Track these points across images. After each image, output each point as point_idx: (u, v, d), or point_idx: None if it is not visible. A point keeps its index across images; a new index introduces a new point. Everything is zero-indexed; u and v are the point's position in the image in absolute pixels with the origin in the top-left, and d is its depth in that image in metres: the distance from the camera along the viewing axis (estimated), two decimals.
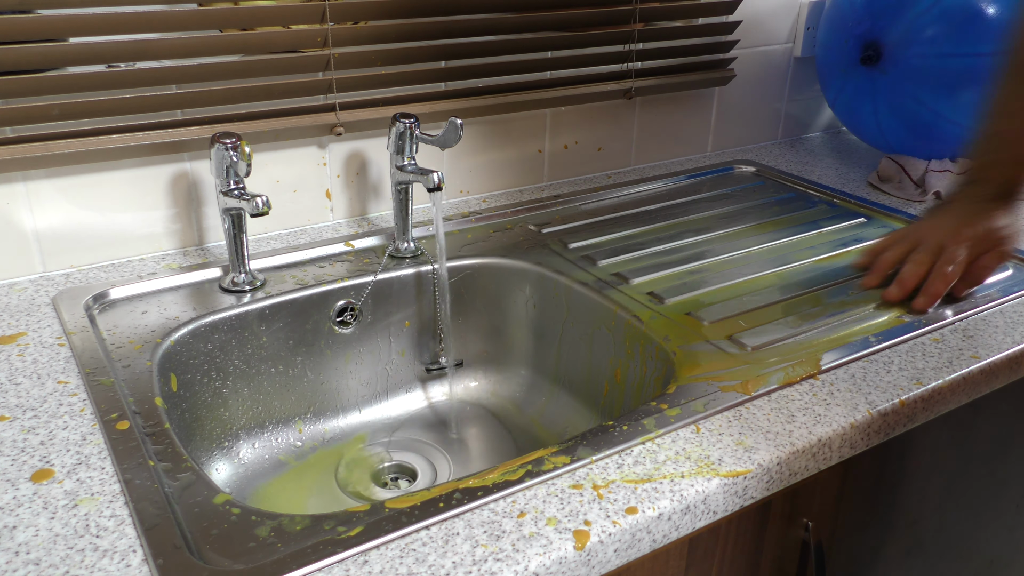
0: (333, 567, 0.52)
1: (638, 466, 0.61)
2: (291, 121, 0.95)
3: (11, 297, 0.85)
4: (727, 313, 0.85)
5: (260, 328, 0.86)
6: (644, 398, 0.77)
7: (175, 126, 0.90)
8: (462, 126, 0.88)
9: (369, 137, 1.03)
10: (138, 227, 0.93)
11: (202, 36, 0.88)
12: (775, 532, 0.71)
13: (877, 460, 0.77)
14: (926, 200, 1.15)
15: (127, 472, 0.60)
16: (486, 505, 0.57)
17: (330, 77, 0.96)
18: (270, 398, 0.89)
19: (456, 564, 0.52)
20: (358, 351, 0.94)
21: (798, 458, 0.65)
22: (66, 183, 0.88)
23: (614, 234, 1.03)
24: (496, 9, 1.05)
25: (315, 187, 1.02)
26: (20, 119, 0.83)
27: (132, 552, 0.53)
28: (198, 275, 0.90)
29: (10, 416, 0.66)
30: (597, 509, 0.57)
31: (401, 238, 0.97)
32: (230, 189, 0.82)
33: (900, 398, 0.71)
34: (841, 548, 0.79)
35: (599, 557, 0.56)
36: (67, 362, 0.74)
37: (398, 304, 0.95)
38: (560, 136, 1.19)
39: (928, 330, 0.81)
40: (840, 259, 0.98)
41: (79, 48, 0.84)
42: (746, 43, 1.29)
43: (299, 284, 0.89)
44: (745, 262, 0.97)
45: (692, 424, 0.66)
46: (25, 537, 0.54)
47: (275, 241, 0.99)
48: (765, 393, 0.71)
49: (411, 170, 0.92)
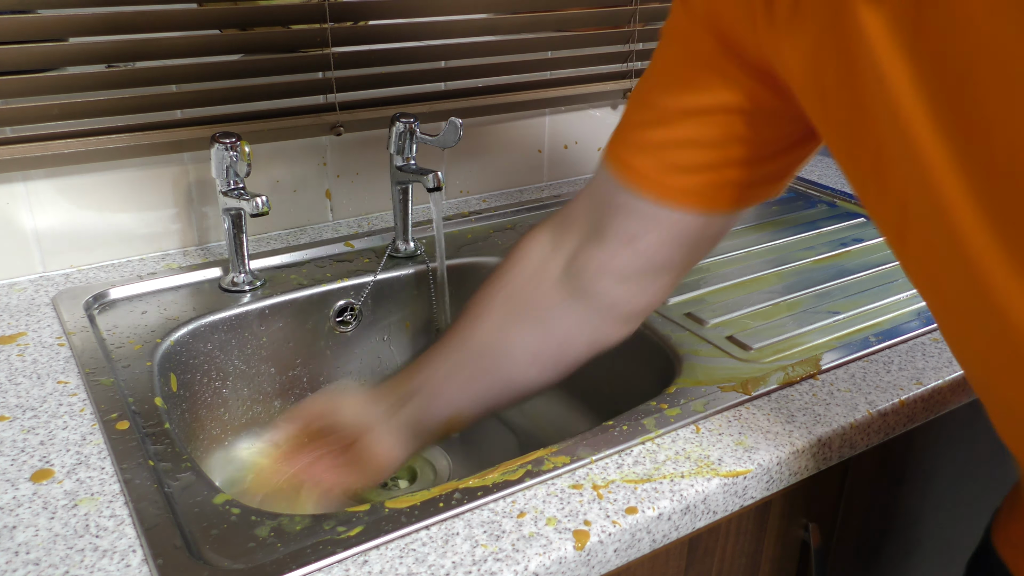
0: (333, 567, 0.52)
1: (638, 466, 0.61)
2: (291, 121, 0.95)
3: (11, 297, 0.85)
4: (727, 313, 0.85)
5: (260, 328, 0.86)
6: (644, 398, 0.76)
7: (175, 126, 0.90)
8: (462, 126, 0.88)
9: (369, 137, 1.03)
10: (138, 227, 0.93)
11: (202, 36, 0.88)
12: (775, 532, 0.71)
13: (877, 460, 0.77)
14: None
15: (127, 472, 0.60)
16: (486, 505, 0.57)
17: (330, 77, 0.96)
18: (270, 398, 0.89)
19: (456, 564, 0.52)
20: (358, 351, 0.94)
21: (798, 458, 0.65)
22: (66, 183, 0.88)
23: None
24: (496, 9, 1.05)
25: (315, 187, 1.02)
26: (20, 119, 0.83)
27: (132, 552, 0.53)
28: (198, 275, 0.90)
29: (10, 416, 0.66)
30: (597, 509, 0.57)
31: (401, 238, 0.97)
32: (230, 189, 0.82)
33: (900, 398, 0.71)
34: (841, 548, 0.79)
35: (599, 557, 0.56)
36: (67, 362, 0.74)
37: (398, 304, 0.95)
38: (560, 136, 1.19)
39: (928, 330, 0.81)
40: (840, 259, 0.98)
41: (79, 48, 0.84)
42: None
43: (299, 284, 0.89)
44: (745, 262, 0.97)
45: (692, 424, 0.66)
46: (25, 537, 0.54)
47: (275, 241, 0.99)
48: (765, 393, 0.71)
49: (411, 170, 0.92)
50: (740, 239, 1.03)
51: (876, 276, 0.93)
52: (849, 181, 0.50)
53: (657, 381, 0.81)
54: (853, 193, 1.18)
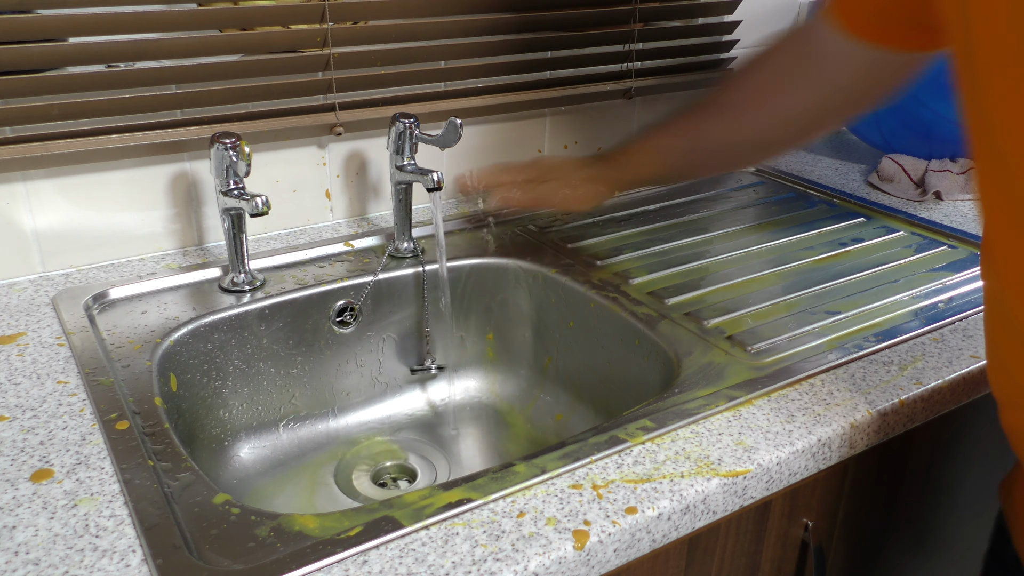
0: (333, 567, 0.52)
1: (638, 466, 0.61)
2: (291, 121, 0.95)
3: (11, 297, 0.85)
4: (727, 313, 0.85)
5: (260, 328, 0.86)
6: (644, 398, 0.76)
7: (175, 126, 0.90)
8: (462, 126, 0.88)
9: (369, 137, 1.03)
10: (138, 227, 0.93)
11: (202, 36, 0.88)
12: (775, 532, 0.71)
13: (877, 460, 0.77)
14: (926, 200, 1.15)
15: (127, 472, 0.60)
16: (486, 505, 0.57)
17: (330, 77, 0.96)
18: (270, 398, 0.89)
19: (456, 564, 0.52)
20: (358, 351, 0.94)
21: (798, 458, 0.65)
22: (66, 183, 0.88)
23: (614, 234, 1.03)
24: (496, 9, 1.05)
25: (315, 187, 1.02)
26: (20, 119, 0.83)
27: (132, 552, 0.53)
28: (198, 275, 0.90)
29: (10, 416, 0.66)
30: (597, 509, 0.57)
31: (401, 238, 0.97)
32: (230, 189, 0.82)
33: (900, 398, 0.71)
34: (841, 548, 0.79)
35: (599, 557, 0.56)
36: (67, 362, 0.74)
37: (398, 304, 0.95)
38: (560, 136, 1.19)
39: (928, 330, 0.81)
40: (840, 259, 0.98)
41: (79, 48, 0.84)
42: (746, 43, 1.29)
43: (299, 284, 0.89)
44: (745, 262, 0.97)
45: (692, 424, 0.66)
46: (24, 537, 0.54)
47: (275, 241, 0.99)
48: (765, 393, 0.71)
49: (411, 170, 0.92)
50: (740, 239, 1.03)
51: (876, 276, 0.93)
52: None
53: (657, 381, 0.81)
54: (853, 193, 1.18)
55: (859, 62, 0.72)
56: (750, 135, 0.81)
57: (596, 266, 0.95)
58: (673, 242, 1.01)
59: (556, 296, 0.94)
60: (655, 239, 1.02)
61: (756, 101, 0.79)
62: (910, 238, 1.04)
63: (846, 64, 0.72)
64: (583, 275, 0.93)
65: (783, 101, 0.77)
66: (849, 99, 0.77)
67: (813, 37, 0.74)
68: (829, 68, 0.74)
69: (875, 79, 0.74)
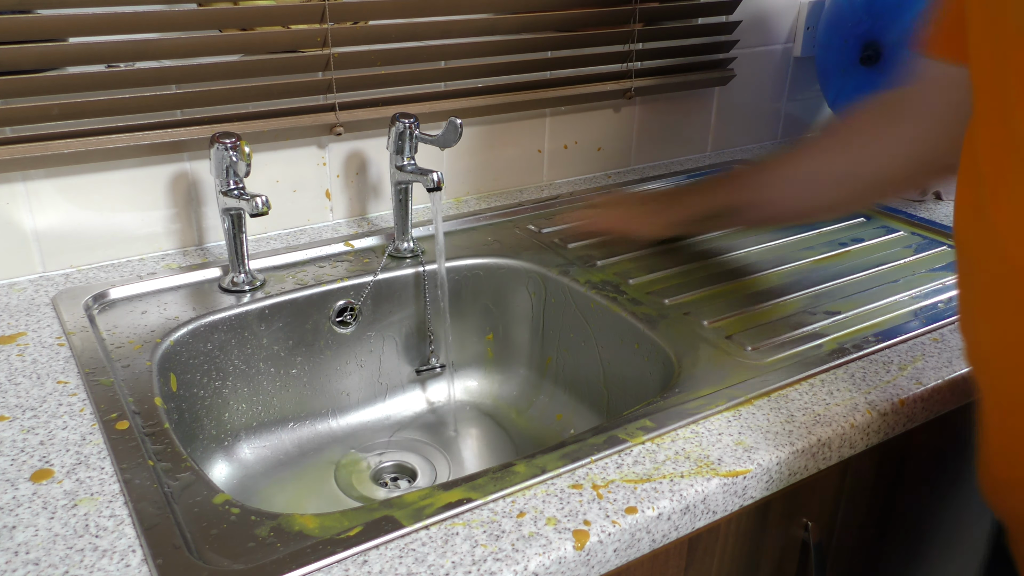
0: (333, 567, 0.52)
1: (637, 466, 0.61)
2: (291, 121, 0.95)
3: (11, 297, 0.85)
4: (727, 313, 0.85)
5: (260, 328, 0.86)
6: (644, 398, 0.77)
7: (175, 126, 0.90)
8: (462, 126, 0.88)
9: (369, 137, 1.03)
10: (138, 227, 0.93)
11: (202, 36, 0.88)
12: (775, 532, 0.71)
13: (877, 460, 0.77)
14: (926, 199, 1.15)
15: (127, 472, 0.60)
16: (485, 505, 0.57)
17: (330, 77, 0.96)
18: (270, 398, 0.89)
19: (456, 564, 0.52)
20: (358, 351, 0.94)
21: (798, 458, 0.65)
22: (66, 183, 0.88)
23: None
24: (496, 9, 1.05)
25: (315, 187, 1.02)
26: (20, 119, 0.83)
27: (131, 552, 0.53)
28: (198, 275, 0.90)
29: (10, 416, 0.66)
30: (596, 509, 0.57)
31: (401, 238, 0.97)
32: (230, 189, 0.82)
33: (900, 398, 0.71)
34: (841, 548, 0.79)
35: (599, 557, 0.56)
36: (67, 362, 0.74)
37: (398, 304, 0.95)
38: (560, 136, 1.19)
39: (928, 330, 0.81)
40: (840, 259, 0.98)
41: (79, 48, 0.84)
42: (746, 43, 1.29)
43: (299, 284, 0.89)
44: (745, 262, 0.97)
45: (692, 424, 0.66)
46: (24, 537, 0.54)
47: (275, 241, 0.99)
48: (765, 393, 0.71)
49: (411, 170, 0.92)
50: (740, 239, 1.03)
51: (876, 276, 0.93)
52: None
53: (657, 381, 0.81)
54: None
55: (961, 82, 0.72)
56: (869, 169, 0.79)
57: (596, 266, 0.95)
58: (672, 242, 1.01)
59: (556, 296, 0.94)
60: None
61: (872, 133, 0.78)
62: (910, 238, 1.04)
63: (950, 85, 0.71)
64: (583, 275, 0.93)
65: (897, 132, 0.76)
66: (959, 121, 0.78)
67: (915, 72, 0.74)
68: (935, 93, 0.73)
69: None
